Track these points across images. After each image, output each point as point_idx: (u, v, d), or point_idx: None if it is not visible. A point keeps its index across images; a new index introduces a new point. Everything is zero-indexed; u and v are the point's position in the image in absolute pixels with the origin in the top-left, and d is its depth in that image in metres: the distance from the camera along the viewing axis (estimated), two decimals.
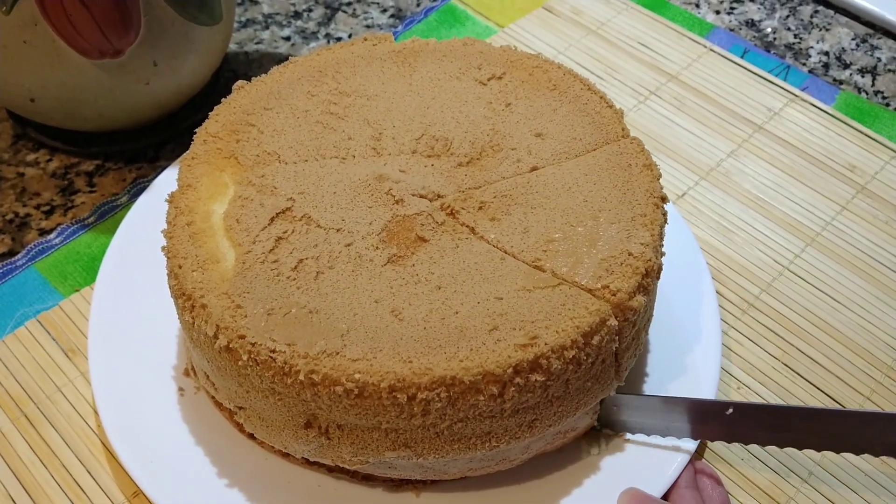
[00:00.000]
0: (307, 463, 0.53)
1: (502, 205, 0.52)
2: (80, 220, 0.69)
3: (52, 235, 0.68)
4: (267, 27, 0.86)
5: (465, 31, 0.86)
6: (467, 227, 0.51)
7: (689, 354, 0.58)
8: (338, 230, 0.51)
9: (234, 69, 0.81)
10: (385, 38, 0.63)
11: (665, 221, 0.53)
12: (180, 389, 0.56)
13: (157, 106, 0.69)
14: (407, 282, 0.49)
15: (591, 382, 0.48)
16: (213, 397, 0.54)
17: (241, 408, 0.50)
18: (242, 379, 0.47)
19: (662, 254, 0.52)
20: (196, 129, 0.56)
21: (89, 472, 0.56)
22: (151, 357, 0.57)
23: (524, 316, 0.46)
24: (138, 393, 0.55)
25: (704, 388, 0.56)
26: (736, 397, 0.59)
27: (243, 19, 0.87)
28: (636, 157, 0.55)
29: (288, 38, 0.85)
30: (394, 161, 0.55)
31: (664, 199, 0.53)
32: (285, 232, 0.51)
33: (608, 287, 0.48)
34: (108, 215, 0.69)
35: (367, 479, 0.53)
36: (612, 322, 0.47)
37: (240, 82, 0.59)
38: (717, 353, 0.57)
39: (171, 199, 0.53)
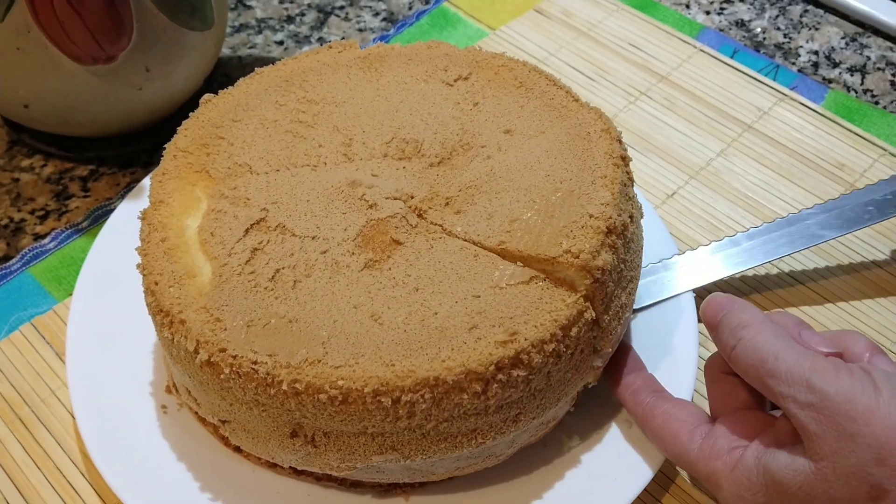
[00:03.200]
0: (295, 473, 0.53)
1: (467, 196, 0.52)
2: (75, 225, 0.69)
3: (46, 240, 0.68)
4: (260, 31, 0.86)
5: (457, 34, 0.87)
6: (438, 225, 0.51)
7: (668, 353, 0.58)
8: (313, 238, 0.51)
9: (227, 73, 0.81)
10: (350, 44, 0.64)
11: (629, 180, 0.53)
12: (163, 407, 0.56)
13: (150, 111, 0.69)
14: (384, 285, 0.49)
15: (571, 373, 0.49)
16: (196, 413, 0.53)
17: (225, 421, 0.50)
18: (225, 392, 0.47)
19: (632, 213, 0.52)
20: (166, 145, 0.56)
21: (83, 475, 0.56)
22: (132, 374, 0.57)
23: (502, 312, 0.47)
24: (120, 412, 0.55)
25: (683, 382, 0.56)
26: None
27: (236, 24, 0.87)
28: (594, 124, 0.55)
29: (281, 43, 0.85)
30: (365, 166, 0.56)
31: (624, 159, 0.53)
32: (261, 242, 0.51)
33: (570, 251, 0.47)
34: (102, 220, 0.69)
35: (356, 486, 0.53)
36: (590, 314, 0.48)
37: (207, 96, 0.59)
38: (694, 346, 0.58)
39: (144, 215, 0.53)
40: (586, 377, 0.51)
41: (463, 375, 0.44)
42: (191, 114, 0.58)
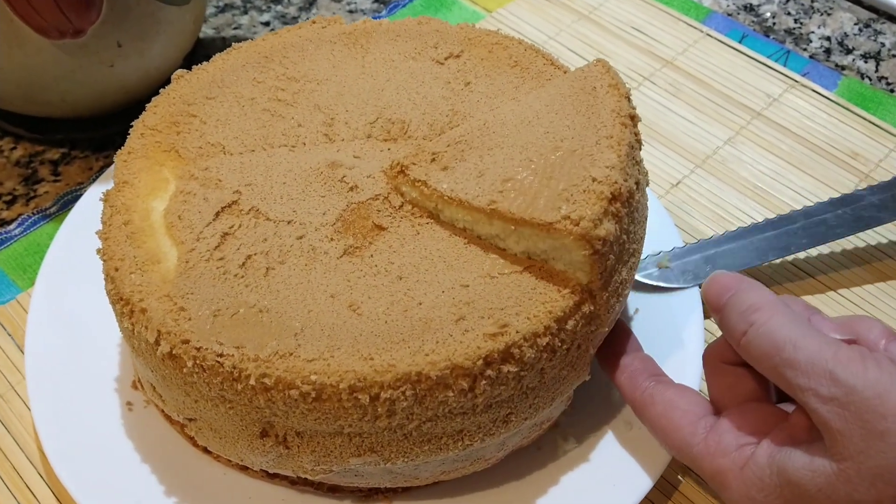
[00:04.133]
0: (268, 476, 0.49)
1: (456, 152, 0.48)
2: (42, 211, 0.66)
3: (12, 226, 0.64)
4: (246, 12, 0.82)
5: (452, 16, 0.83)
6: (421, 182, 0.47)
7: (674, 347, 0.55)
8: (289, 222, 0.47)
9: (209, 55, 0.77)
10: (335, 20, 0.60)
11: (637, 142, 0.48)
12: (128, 404, 0.52)
13: (124, 90, 0.65)
14: (365, 274, 0.45)
15: (566, 370, 0.45)
16: (162, 410, 0.50)
17: (191, 419, 0.46)
18: (189, 388, 0.43)
19: (639, 179, 0.48)
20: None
21: (42, 476, 0.52)
22: (96, 369, 0.53)
23: (493, 303, 0.43)
24: (82, 408, 0.51)
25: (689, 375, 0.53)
26: None
27: (221, 3, 0.83)
28: (601, 78, 0.50)
29: (267, 24, 0.81)
30: (347, 147, 0.52)
31: (633, 118, 0.48)
32: (232, 227, 0.47)
33: (569, 217, 0.42)
34: (72, 205, 0.65)
35: (334, 491, 0.49)
36: (588, 306, 0.44)
37: (179, 71, 0.55)
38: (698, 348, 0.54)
39: (106, 197, 0.49)
40: (583, 374, 0.47)
41: (448, 371, 0.40)
42: (161, 90, 0.54)
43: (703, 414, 0.45)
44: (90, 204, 0.60)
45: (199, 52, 0.76)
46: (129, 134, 0.52)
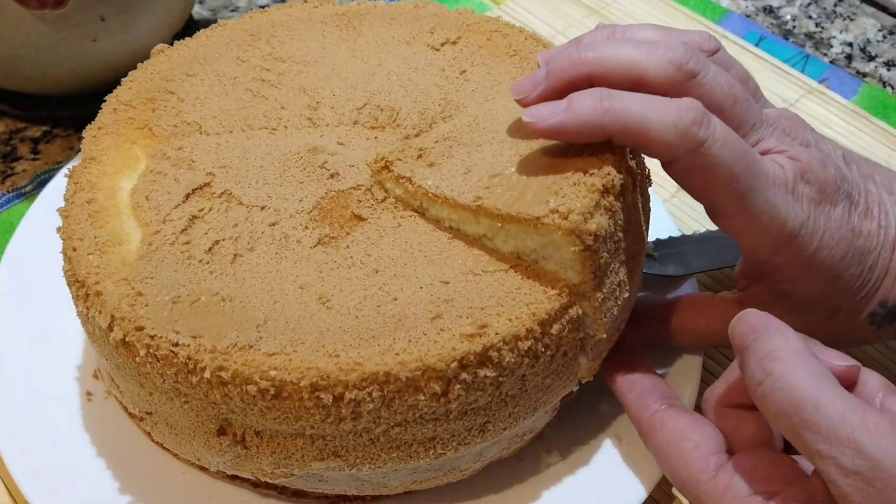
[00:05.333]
0: (229, 477, 0.46)
1: (444, 148, 0.45)
2: (17, 189, 0.63)
3: None
4: None
5: (458, 7, 0.80)
6: (406, 178, 0.44)
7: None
8: (262, 208, 0.44)
9: None
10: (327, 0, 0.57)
11: None
12: (88, 394, 0.49)
13: (108, 67, 0.63)
14: (339, 265, 0.42)
15: (550, 378, 0.42)
16: (122, 402, 0.47)
17: (148, 413, 0.43)
18: (143, 379, 0.40)
19: (637, 174, 0.45)
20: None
21: None
22: (57, 356, 0.50)
23: (473, 302, 0.40)
24: (38, 396, 0.48)
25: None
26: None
27: None
28: None
29: (265, 7, 0.79)
30: (331, 133, 0.49)
31: None
32: (201, 210, 0.44)
33: (557, 210, 0.40)
34: (47, 185, 0.62)
35: (299, 496, 0.46)
36: (576, 310, 0.41)
37: (160, 46, 0.53)
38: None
39: (71, 173, 0.46)
40: (569, 384, 0.44)
41: (419, 372, 0.37)
42: (139, 64, 0.52)
43: (715, 450, 0.41)
44: (64, 184, 0.57)
45: (192, 33, 0.73)
46: (101, 108, 0.49)
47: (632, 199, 0.44)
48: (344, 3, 0.58)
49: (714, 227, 0.46)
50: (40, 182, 0.63)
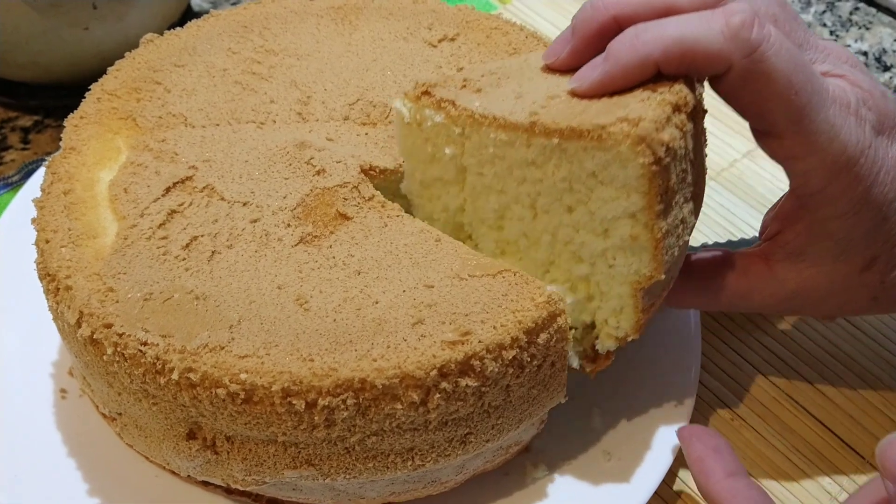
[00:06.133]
0: (202, 482, 0.44)
1: (492, 80, 0.42)
2: (5, 179, 0.62)
3: None
4: None
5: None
6: (448, 101, 0.41)
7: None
8: (244, 204, 0.43)
9: None
10: None
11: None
12: (62, 391, 0.47)
13: (100, 56, 0.61)
14: (320, 265, 0.40)
15: (537, 390, 0.40)
16: (94, 402, 0.45)
17: (119, 414, 0.42)
18: (112, 378, 0.39)
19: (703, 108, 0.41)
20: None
21: None
22: (33, 351, 0.49)
23: (457, 307, 0.38)
24: (11, 392, 0.47)
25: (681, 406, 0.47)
26: (727, 431, 0.50)
27: None
28: None
29: None
30: (321, 128, 0.47)
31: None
32: (181, 205, 0.43)
33: (626, 119, 0.36)
34: (33, 175, 0.61)
35: None
36: (563, 320, 0.39)
37: (149, 35, 0.51)
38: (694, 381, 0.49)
39: (50, 163, 0.45)
40: (557, 396, 0.42)
41: (397, 380, 0.36)
42: (127, 53, 0.50)
43: None
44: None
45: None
46: (84, 97, 0.47)
47: (700, 128, 0.41)
48: None
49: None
50: (28, 172, 0.61)
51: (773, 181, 0.65)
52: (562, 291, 0.41)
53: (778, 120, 0.38)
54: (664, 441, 0.46)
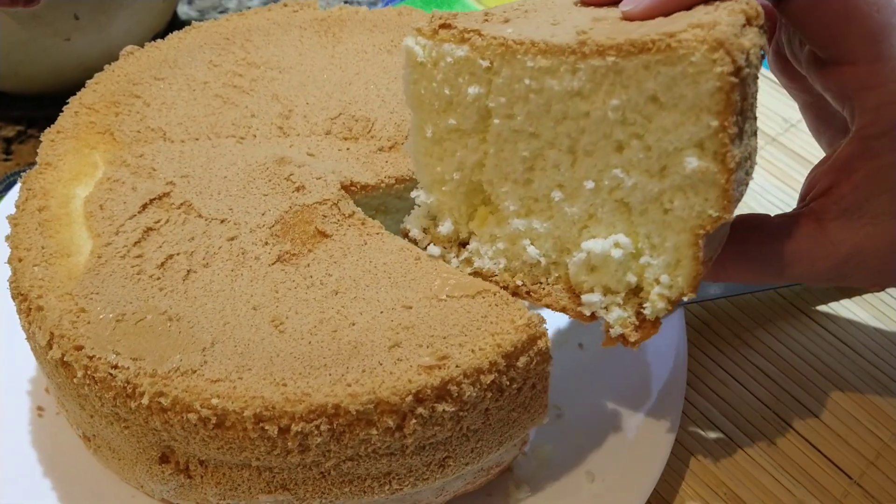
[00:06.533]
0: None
1: (519, 13, 0.39)
2: None
3: None
4: None
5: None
6: (472, 31, 0.37)
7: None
8: (222, 221, 0.42)
9: None
10: (309, 3, 0.55)
11: None
12: (38, 409, 0.47)
13: (82, 67, 0.61)
14: (297, 285, 0.40)
15: (517, 412, 0.39)
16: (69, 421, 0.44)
17: (93, 435, 0.41)
18: (83, 400, 0.38)
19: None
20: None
21: None
22: (9, 368, 0.48)
23: (435, 330, 0.37)
24: None
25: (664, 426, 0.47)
26: (713, 448, 0.49)
27: None
28: None
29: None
30: (302, 143, 0.47)
31: None
32: (157, 222, 0.42)
33: (699, 24, 0.32)
34: (14, 187, 0.60)
35: None
36: (544, 342, 0.38)
37: (129, 47, 0.51)
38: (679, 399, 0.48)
39: (25, 179, 0.44)
40: (539, 417, 0.41)
41: (372, 405, 0.35)
42: (107, 66, 0.50)
43: None
44: None
45: None
46: (62, 111, 0.47)
47: (761, 58, 0.36)
48: (327, 7, 0.55)
49: None
50: (9, 184, 0.61)
51: (763, 194, 0.64)
52: (603, 250, 0.37)
53: (854, 42, 0.35)
54: (648, 461, 0.45)
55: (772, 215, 0.41)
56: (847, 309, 0.56)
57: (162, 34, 0.64)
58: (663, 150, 0.34)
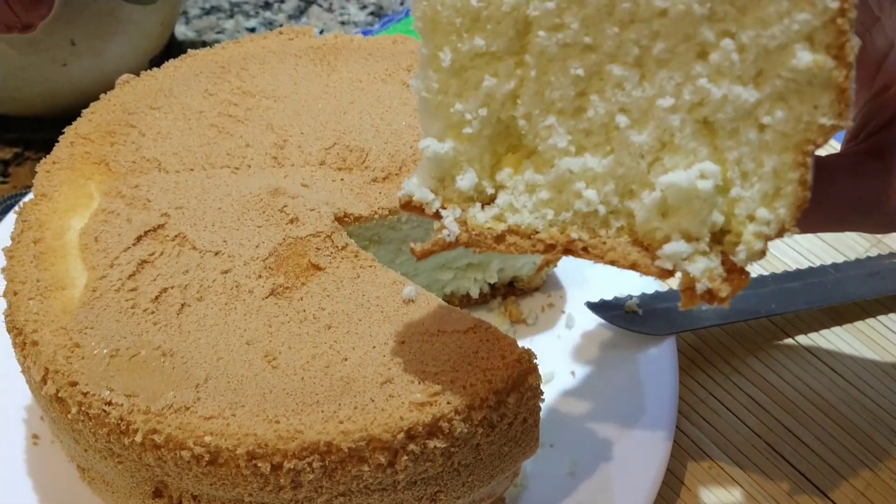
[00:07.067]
0: None
1: None
2: None
3: None
4: (231, 16, 0.78)
5: None
6: None
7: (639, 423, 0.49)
8: (216, 254, 0.43)
9: None
10: (304, 31, 0.55)
11: None
12: (34, 437, 0.47)
13: (79, 91, 0.61)
14: (290, 319, 0.40)
15: (508, 446, 0.39)
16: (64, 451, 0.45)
17: (89, 468, 0.41)
18: (77, 435, 0.38)
19: None
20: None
21: None
22: (6, 395, 0.48)
23: (427, 366, 0.38)
24: None
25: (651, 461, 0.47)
26: (705, 478, 0.50)
27: (207, 6, 0.79)
28: None
29: (253, 30, 0.77)
30: (296, 173, 0.47)
31: None
32: (152, 254, 0.42)
33: None
34: (12, 210, 0.60)
35: None
36: (535, 378, 0.39)
37: (125, 76, 0.51)
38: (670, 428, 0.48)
39: (21, 210, 0.44)
40: (530, 450, 0.41)
41: (364, 443, 0.35)
42: (102, 95, 0.50)
43: None
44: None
45: (175, 54, 0.72)
46: (59, 135, 0.47)
47: None
48: (324, 32, 0.56)
49: None
50: (7, 207, 0.61)
51: None
52: (688, 182, 0.30)
53: None
54: (639, 491, 0.45)
55: (833, 154, 0.37)
56: (839, 337, 0.57)
57: (159, 56, 0.65)
58: (762, 48, 0.29)
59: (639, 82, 0.31)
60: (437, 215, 0.34)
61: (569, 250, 0.33)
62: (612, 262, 0.33)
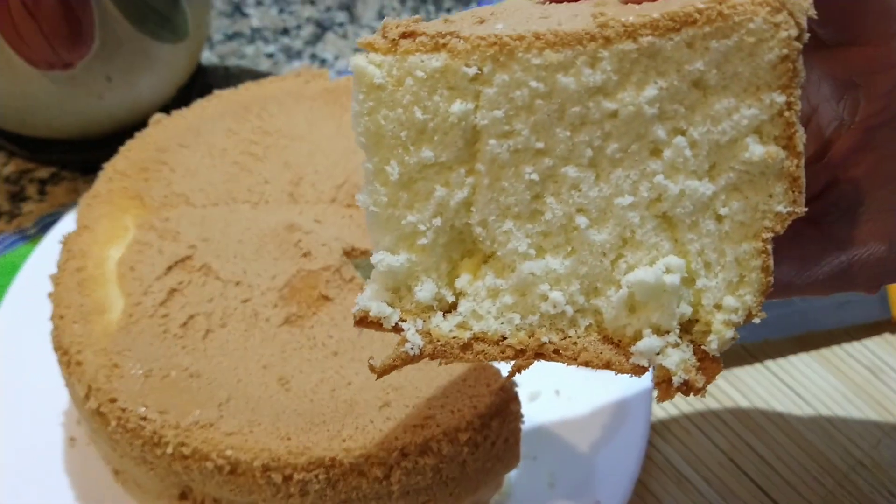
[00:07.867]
0: None
1: (487, 14, 0.33)
2: (22, 231, 0.66)
3: None
4: (252, 42, 0.83)
5: None
6: (448, 34, 0.31)
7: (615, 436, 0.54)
8: (237, 283, 0.48)
9: (210, 83, 0.78)
10: (320, 74, 0.60)
11: None
12: (71, 439, 0.52)
13: (112, 120, 0.67)
14: (302, 346, 0.45)
15: (491, 462, 0.45)
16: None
17: (118, 471, 0.47)
18: (114, 444, 0.44)
19: None
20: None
21: None
22: (46, 398, 0.53)
23: (421, 391, 0.43)
24: (24, 437, 0.52)
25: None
26: (674, 491, 0.55)
27: (230, 32, 0.84)
28: None
29: (271, 56, 0.82)
30: (310, 210, 0.52)
31: None
32: (181, 283, 0.48)
33: None
34: (51, 228, 0.66)
35: None
36: (516, 405, 0.44)
37: (157, 116, 0.56)
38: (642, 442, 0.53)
39: (65, 241, 0.50)
40: (511, 465, 0.47)
41: (363, 459, 0.41)
42: (137, 133, 0.55)
43: None
44: (64, 230, 0.61)
45: (200, 80, 0.77)
46: (98, 175, 0.53)
47: None
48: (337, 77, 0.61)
49: None
50: (44, 225, 0.66)
51: None
52: (655, 279, 0.30)
53: (868, 22, 0.31)
54: (612, 500, 0.50)
55: None
56: (804, 363, 0.62)
57: (186, 85, 0.70)
58: (714, 143, 0.29)
59: (595, 182, 0.31)
60: (398, 328, 0.33)
61: (540, 354, 0.33)
62: (586, 364, 0.33)
